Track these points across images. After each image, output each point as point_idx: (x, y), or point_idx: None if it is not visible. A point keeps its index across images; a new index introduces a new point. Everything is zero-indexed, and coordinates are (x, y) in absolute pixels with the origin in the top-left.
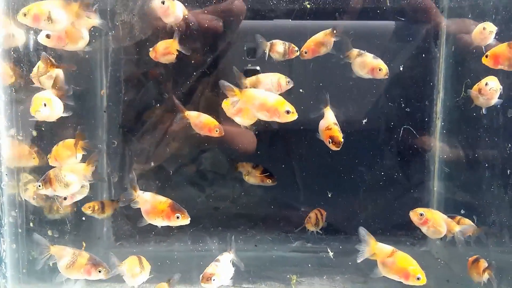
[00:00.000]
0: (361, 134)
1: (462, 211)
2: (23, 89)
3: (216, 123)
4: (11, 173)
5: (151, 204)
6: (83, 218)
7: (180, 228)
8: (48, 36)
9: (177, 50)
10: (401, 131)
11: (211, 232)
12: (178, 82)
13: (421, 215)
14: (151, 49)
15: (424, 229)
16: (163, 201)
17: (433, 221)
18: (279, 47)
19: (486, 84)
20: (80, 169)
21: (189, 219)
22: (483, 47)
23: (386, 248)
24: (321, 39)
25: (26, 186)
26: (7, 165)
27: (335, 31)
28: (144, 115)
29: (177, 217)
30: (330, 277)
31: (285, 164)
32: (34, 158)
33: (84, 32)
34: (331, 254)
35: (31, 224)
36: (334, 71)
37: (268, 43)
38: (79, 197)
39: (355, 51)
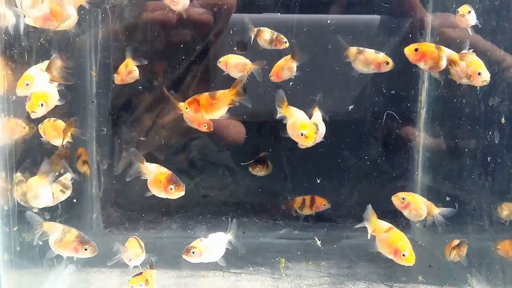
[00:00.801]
0: (347, 123)
1: (448, 198)
2: (14, 74)
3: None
4: (2, 155)
5: (154, 175)
6: (74, 200)
7: (169, 215)
8: None
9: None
10: (384, 117)
11: (200, 220)
12: (168, 74)
13: (403, 199)
14: (115, 75)
15: (405, 213)
16: (163, 172)
17: (414, 204)
18: (266, 35)
19: (479, 74)
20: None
21: (183, 192)
22: (468, 29)
23: (384, 225)
24: (282, 65)
25: (16, 186)
26: None
27: (294, 57)
28: (133, 102)
29: (170, 189)
30: (316, 262)
31: (273, 153)
32: (24, 128)
33: (71, 10)
34: (318, 242)
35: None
36: (321, 61)
37: (255, 29)
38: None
39: (353, 49)
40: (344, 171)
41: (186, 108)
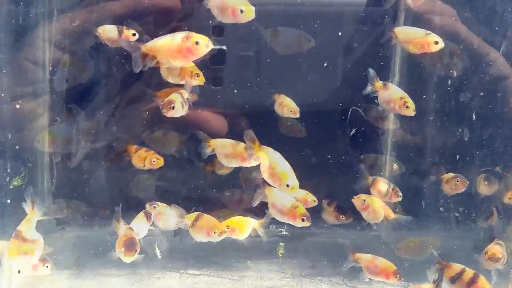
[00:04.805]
0: (317, 117)
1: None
2: None
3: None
4: None
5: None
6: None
7: (127, 211)
8: None
9: None
10: (349, 113)
11: None
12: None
13: (363, 201)
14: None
15: (364, 214)
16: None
17: (373, 207)
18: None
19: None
20: None
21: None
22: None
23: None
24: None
25: None
26: None
27: None
28: (91, 91)
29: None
30: (278, 261)
31: None
32: None
33: None
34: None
35: None
36: (298, 56)
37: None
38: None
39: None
40: (311, 167)
41: None
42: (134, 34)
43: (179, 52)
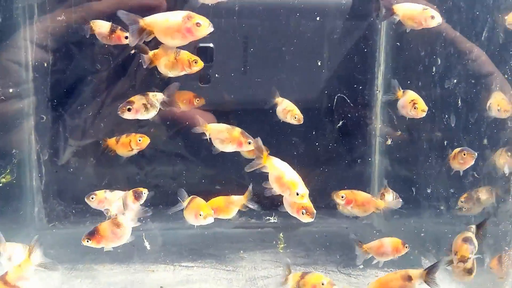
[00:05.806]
0: (303, 108)
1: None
2: None
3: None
4: None
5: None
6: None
7: None
8: None
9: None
10: (335, 100)
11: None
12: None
13: (342, 197)
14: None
15: (349, 208)
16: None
17: (355, 202)
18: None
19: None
20: None
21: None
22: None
23: None
24: None
25: None
26: None
27: None
28: (76, 87)
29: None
30: (272, 251)
31: None
32: None
33: None
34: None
35: None
36: (283, 48)
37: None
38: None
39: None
40: (300, 158)
41: None
42: (126, 37)
43: (178, 31)
